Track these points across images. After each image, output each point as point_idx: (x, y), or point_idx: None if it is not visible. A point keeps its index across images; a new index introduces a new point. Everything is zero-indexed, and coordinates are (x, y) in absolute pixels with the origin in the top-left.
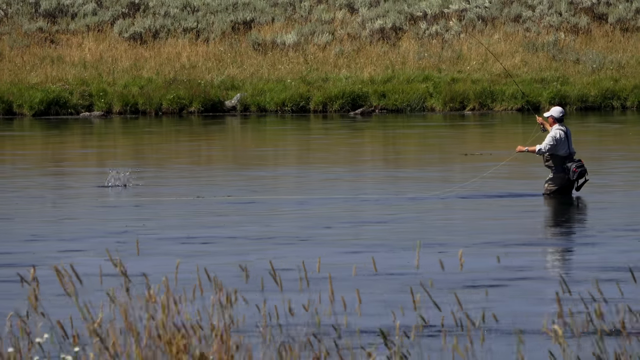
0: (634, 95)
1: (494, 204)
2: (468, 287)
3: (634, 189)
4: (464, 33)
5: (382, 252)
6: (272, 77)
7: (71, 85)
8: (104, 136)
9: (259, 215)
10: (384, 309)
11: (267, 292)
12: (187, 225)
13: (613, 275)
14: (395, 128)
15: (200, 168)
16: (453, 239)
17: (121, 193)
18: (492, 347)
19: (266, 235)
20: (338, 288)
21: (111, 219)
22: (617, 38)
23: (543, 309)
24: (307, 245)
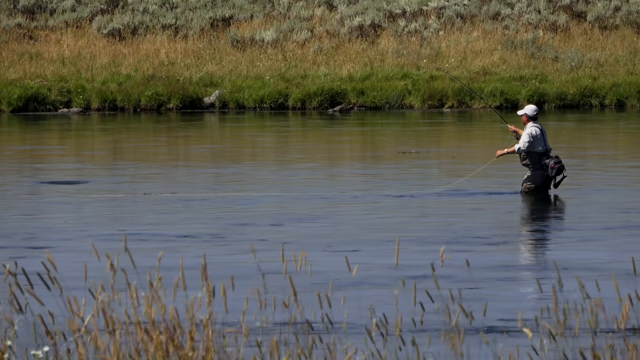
0: (612, 94)
1: (470, 203)
2: (445, 284)
3: (611, 187)
4: (443, 30)
5: (327, 251)
6: (250, 74)
7: (50, 82)
8: (76, 132)
9: (175, 213)
10: (363, 306)
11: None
12: (109, 221)
13: (590, 272)
14: (357, 125)
15: (159, 165)
16: (421, 236)
17: (61, 189)
18: (471, 345)
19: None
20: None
21: (37, 215)
22: (596, 36)
23: (519, 307)
24: (209, 245)
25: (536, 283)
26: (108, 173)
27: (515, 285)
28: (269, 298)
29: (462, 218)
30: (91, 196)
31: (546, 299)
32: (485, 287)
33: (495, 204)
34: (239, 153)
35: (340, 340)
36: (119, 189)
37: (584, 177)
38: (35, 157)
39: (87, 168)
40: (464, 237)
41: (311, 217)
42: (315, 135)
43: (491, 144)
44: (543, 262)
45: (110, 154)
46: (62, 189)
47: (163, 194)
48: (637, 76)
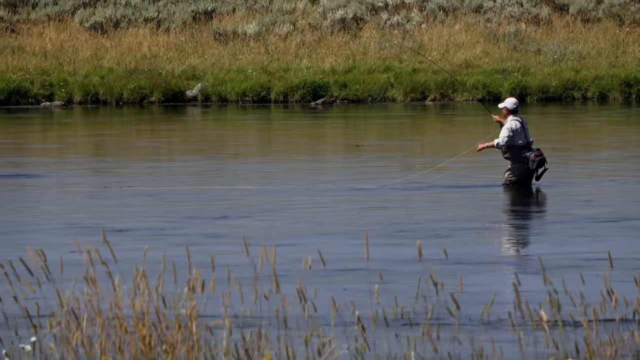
0: (594, 86)
1: (451, 196)
2: (426, 278)
3: (593, 179)
4: (425, 23)
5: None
6: (233, 67)
7: (32, 75)
8: (52, 125)
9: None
10: (342, 299)
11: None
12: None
13: (572, 266)
14: (330, 118)
15: (131, 158)
16: (400, 229)
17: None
18: (451, 336)
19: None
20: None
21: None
22: (578, 29)
23: (499, 299)
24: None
25: (515, 276)
26: (78, 167)
27: (495, 278)
28: (235, 291)
29: (439, 211)
30: (52, 190)
31: (525, 292)
32: (463, 279)
33: (476, 197)
34: (212, 146)
35: (321, 333)
36: (81, 182)
37: (565, 170)
38: (8, 151)
39: (54, 162)
40: (442, 229)
41: (262, 210)
42: (289, 129)
43: (459, 137)
44: (523, 255)
45: (83, 147)
46: (20, 182)
47: (123, 187)
48: (619, 69)
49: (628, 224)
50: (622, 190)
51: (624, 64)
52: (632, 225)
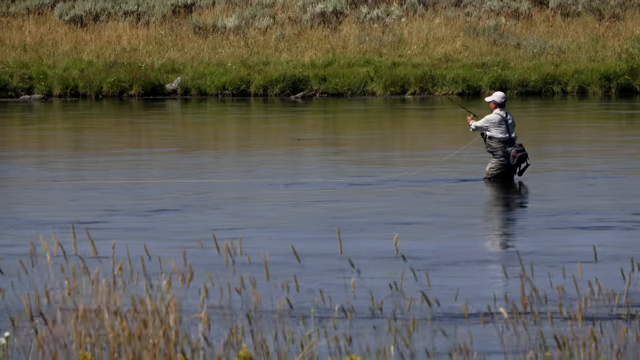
0: (574, 80)
1: (429, 190)
2: (407, 271)
3: (574, 173)
4: (405, 17)
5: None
6: (212, 61)
7: (11, 68)
8: (27, 119)
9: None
10: (317, 292)
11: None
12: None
13: (552, 259)
14: (282, 112)
15: (97, 152)
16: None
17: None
18: (435, 329)
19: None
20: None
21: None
22: (558, 23)
23: (481, 293)
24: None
25: (497, 269)
26: (38, 160)
27: (475, 272)
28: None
29: (421, 205)
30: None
31: (507, 286)
32: (442, 273)
33: (458, 191)
34: (181, 140)
35: (299, 326)
36: (32, 177)
37: (547, 164)
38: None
39: (16, 155)
40: (421, 223)
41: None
42: (253, 123)
43: (418, 132)
44: (505, 248)
45: (50, 141)
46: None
47: (73, 181)
48: (599, 63)
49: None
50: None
51: (603, 58)
52: (563, 220)
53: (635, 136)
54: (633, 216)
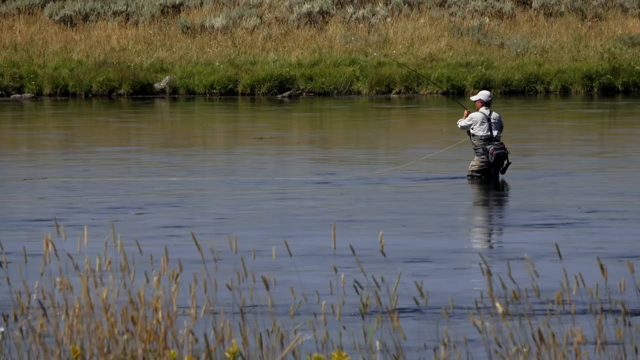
0: (557, 80)
1: (412, 187)
2: (390, 267)
3: (556, 171)
4: (390, 17)
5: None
6: (200, 60)
7: (2, 68)
8: (16, 118)
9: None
10: (308, 289)
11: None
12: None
13: (535, 255)
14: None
15: (76, 150)
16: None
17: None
18: (417, 325)
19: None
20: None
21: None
22: (541, 23)
23: (463, 288)
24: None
25: (476, 266)
26: (17, 158)
27: (456, 269)
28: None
29: (402, 202)
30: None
31: (483, 281)
32: (424, 270)
33: (440, 188)
34: (154, 138)
35: (286, 322)
36: (6, 174)
37: (530, 162)
38: None
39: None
40: (403, 221)
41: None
42: (235, 121)
43: (389, 130)
44: (486, 246)
45: (33, 139)
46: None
47: (44, 179)
48: (581, 63)
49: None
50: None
51: (585, 57)
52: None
53: (597, 135)
54: (586, 214)
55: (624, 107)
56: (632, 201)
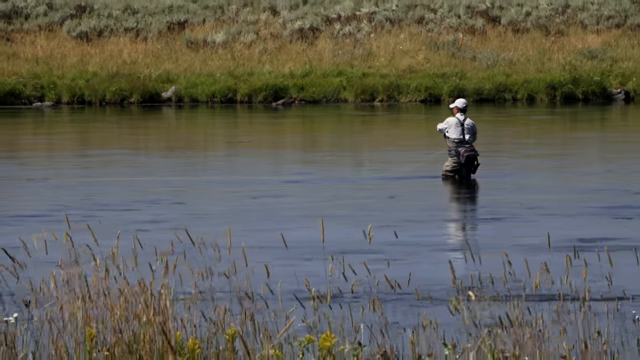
0: (523, 89)
1: (391, 186)
2: (376, 258)
3: (524, 171)
4: (374, 33)
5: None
6: (203, 72)
7: (25, 79)
8: (35, 124)
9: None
10: (299, 277)
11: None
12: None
13: (502, 247)
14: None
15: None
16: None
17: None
18: (400, 310)
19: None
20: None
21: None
22: (509, 38)
23: (442, 276)
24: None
25: (453, 257)
26: (16, 161)
27: (434, 258)
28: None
29: (381, 200)
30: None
31: (466, 270)
32: (406, 261)
33: (416, 187)
34: (155, 142)
35: (281, 307)
36: (17, 175)
37: (498, 163)
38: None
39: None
40: (384, 217)
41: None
42: (226, 127)
43: (355, 135)
44: (457, 239)
45: (49, 143)
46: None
47: (47, 179)
48: (545, 74)
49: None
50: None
51: (549, 69)
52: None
53: (559, 138)
54: (527, 210)
55: (583, 113)
56: (566, 198)
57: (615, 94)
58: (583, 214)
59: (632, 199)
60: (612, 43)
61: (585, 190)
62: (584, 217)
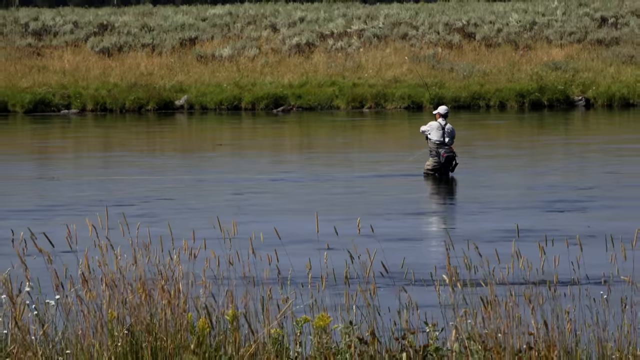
0: (495, 97)
1: (378, 183)
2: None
3: (499, 170)
4: (363, 48)
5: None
6: (212, 82)
7: (54, 89)
8: (60, 129)
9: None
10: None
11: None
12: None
13: (484, 238)
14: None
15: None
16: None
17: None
18: (385, 293)
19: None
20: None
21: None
22: (483, 52)
23: (426, 262)
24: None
25: (435, 246)
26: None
27: (418, 247)
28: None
29: (370, 195)
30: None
31: (447, 257)
32: (394, 248)
33: (401, 183)
34: (164, 144)
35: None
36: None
37: (473, 163)
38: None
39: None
40: (372, 210)
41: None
42: (218, 131)
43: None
44: (440, 229)
45: (81, 145)
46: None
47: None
48: (515, 83)
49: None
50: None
51: (518, 79)
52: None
53: (527, 141)
54: (478, 204)
55: (548, 117)
56: (512, 194)
57: (577, 101)
58: (523, 208)
59: (571, 194)
60: (574, 56)
61: (533, 186)
62: (521, 211)
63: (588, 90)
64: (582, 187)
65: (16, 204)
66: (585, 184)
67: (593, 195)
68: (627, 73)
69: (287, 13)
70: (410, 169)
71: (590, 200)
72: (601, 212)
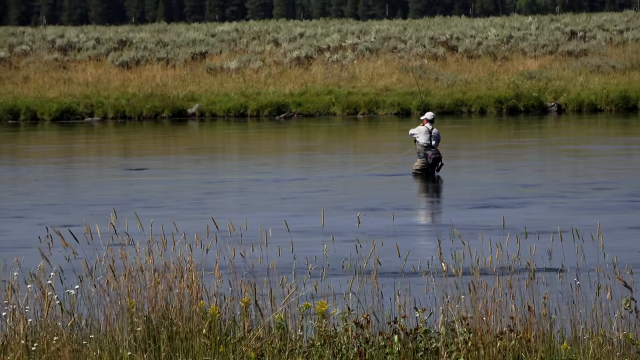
0: (476, 104)
1: (372, 182)
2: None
3: (477, 169)
4: (357, 60)
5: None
6: (220, 92)
7: (78, 99)
8: (82, 135)
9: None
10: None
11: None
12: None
13: (466, 230)
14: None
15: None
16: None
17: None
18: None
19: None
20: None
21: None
22: (465, 63)
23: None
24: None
25: (427, 238)
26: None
27: (411, 240)
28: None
29: (365, 192)
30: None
31: (435, 250)
32: (387, 241)
33: (392, 182)
34: (168, 148)
35: (286, 280)
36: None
37: (457, 164)
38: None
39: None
40: (368, 205)
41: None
42: (218, 137)
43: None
44: (429, 223)
45: (101, 148)
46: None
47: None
48: (494, 91)
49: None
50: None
51: (497, 87)
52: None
53: (505, 142)
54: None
55: (524, 122)
56: (465, 192)
57: (550, 107)
58: (468, 204)
59: (512, 192)
60: (547, 66)
61: (487, 184)
62: (464, 207)
63: (560, 97)
64: (526, 185)
65: (42, 200)
66: (529, 182)
67: (532, 193)
68: (594, 81)
69: (288, 29)
70: (400, 170)
71: (525, 197)
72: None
